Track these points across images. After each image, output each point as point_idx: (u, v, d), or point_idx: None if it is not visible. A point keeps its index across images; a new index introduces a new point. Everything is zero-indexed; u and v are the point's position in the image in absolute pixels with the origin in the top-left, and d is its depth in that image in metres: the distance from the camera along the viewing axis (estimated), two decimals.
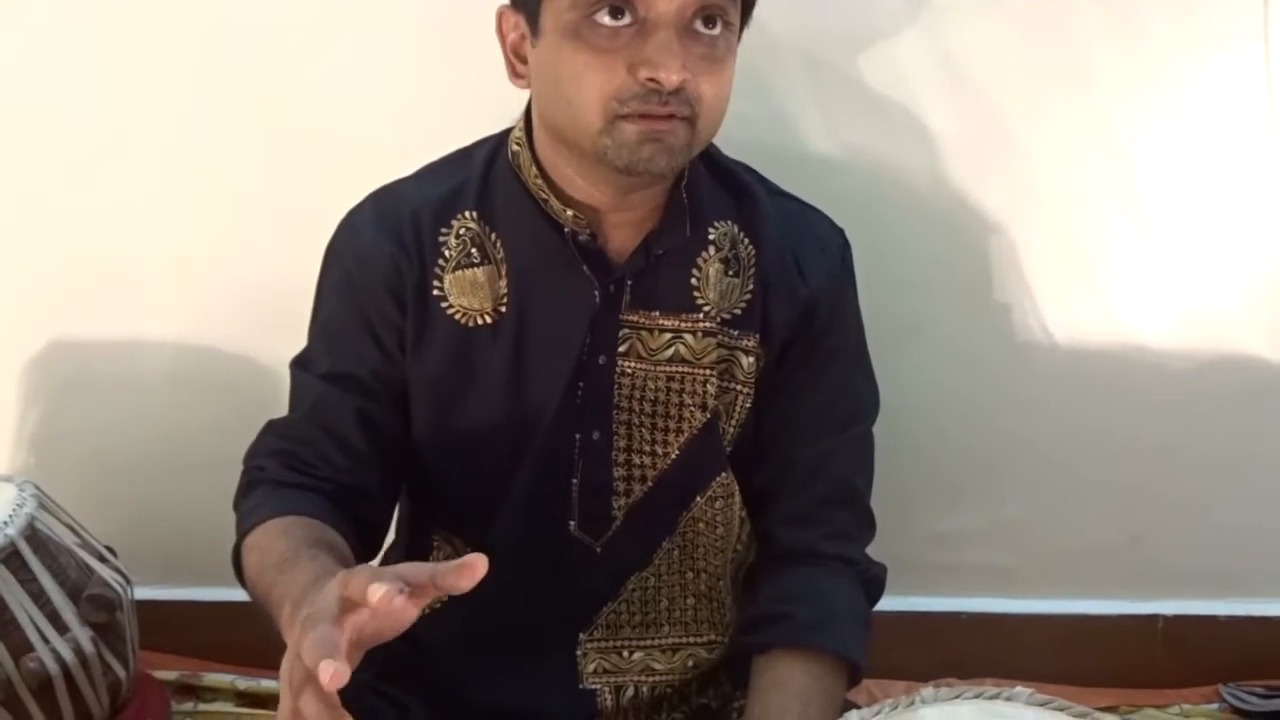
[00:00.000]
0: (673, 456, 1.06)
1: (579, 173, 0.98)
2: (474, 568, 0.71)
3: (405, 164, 1.10)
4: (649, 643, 1.12)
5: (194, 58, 1.41)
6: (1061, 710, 0.80)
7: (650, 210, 1.02)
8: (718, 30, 0.92)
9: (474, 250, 1.03)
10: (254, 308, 1.52)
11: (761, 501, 1.11)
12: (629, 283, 1.03)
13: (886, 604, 1.13)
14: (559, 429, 1.04)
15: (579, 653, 1.11)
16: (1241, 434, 1.53)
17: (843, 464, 1.10)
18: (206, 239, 1.50)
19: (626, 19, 0.90)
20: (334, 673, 0.66)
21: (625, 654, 1.12)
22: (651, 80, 0.89)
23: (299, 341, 1.09)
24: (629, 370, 1.04)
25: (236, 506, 1.03)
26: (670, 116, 0.91)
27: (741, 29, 0.97)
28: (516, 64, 0.99)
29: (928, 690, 0.85)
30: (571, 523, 1.07)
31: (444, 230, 1.03)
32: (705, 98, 0.92)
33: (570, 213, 1.00)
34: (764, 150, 1.18)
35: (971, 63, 1.37)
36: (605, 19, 0.89)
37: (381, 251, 1.02)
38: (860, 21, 1.36)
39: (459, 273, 1.03)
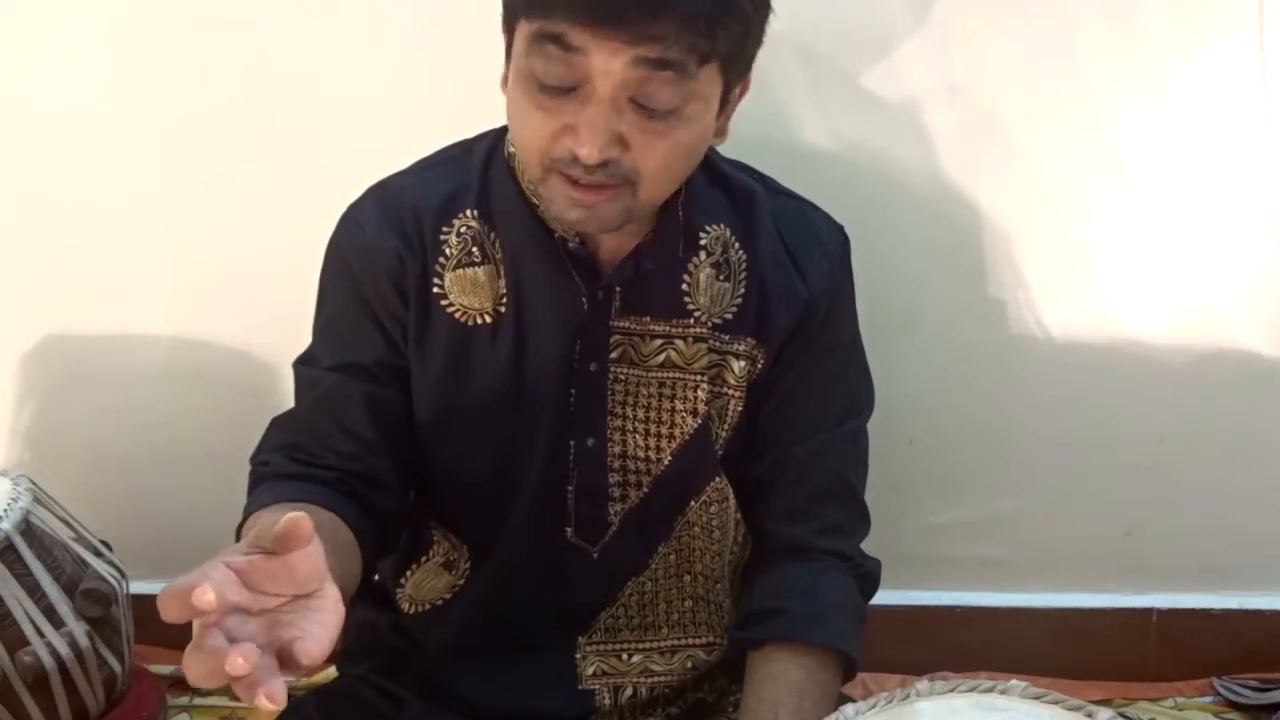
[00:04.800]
0: (666, 462, 1.06)
1: None
2: (294, 534, 0.65)
3: (402, 159, 1.09)
4: (648, 645, 1.12)
5: (188, 53, 1.41)
6: (1056, 703, 0.81)
7: (646, 218, 1.01)
8: (661, 110, 0.88)
9: (475, 249, 1.02)
10: (249, 302, 1.52)
11: (756, 496, 1.11)
12: (618, 290, 1.02)
13: (881, 597, 1.13)
14: (554, 434, 1.04)
15: (578, 655, 1.11)
16: (1236, 427, 1.54)
17: (837, 459, 1.09)
18: (201, 233, 1.49)
19: (570, 84, 0.87)
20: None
21: (624, 656, 1.12)
22: (568, 153, 0.88)
23: (295, 335, 1.08)
24: (622, 376, 1.04)
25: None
26: (600, 186, 0.89)
27: (740, 71, 0.94)
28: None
29: (923, 684, 0.85)
30: (568, 529, 1.07)
31: (445, 229, 1.02)
32: (644, 170, 0.90)
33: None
34: (761, 144, 1.18)
35: (967, 56, 1.37)
36: (546, 79, 0.87)
37: (385, 246, 1.02)
38: (857, 16, 1.36)
39: (459, 271, 1.02)
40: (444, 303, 1.02)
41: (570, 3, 0.84)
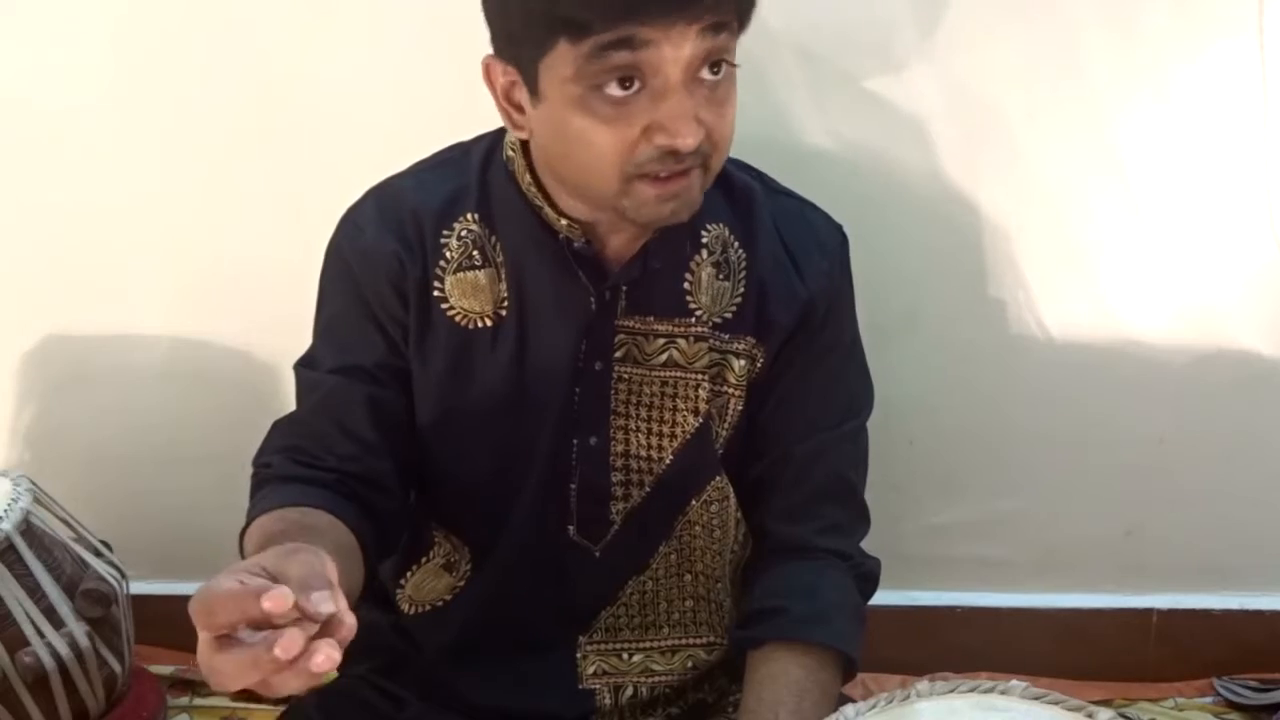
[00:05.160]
0: (668, 461, 1.06)
1: (585, 206, 0.97)
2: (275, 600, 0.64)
3: (402, 159, 1.09)
4: (648, 645, 1.12)
5: (188, 53, 1.41)
6: (1056, 704, 0.80)
7: None
8: (721, 73, 0.89)
9: (475, 253, 1.02)
10: (249, 302, 1.52)
11: (756, 496, 1.11)
12: (624, 289, 1.02)
13: (881, 597, 1.13)
14: (557, 434, 1.04)
15: (578, 655, 1.11)
16: (1236, 427, 1.54)
17: (837, 459, 1.09)
18: (201, 233, 1.50)
19: (635, 86, 0.87)
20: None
21: (625, 656, 1.12)
22: (669, 146, 0.88)
23: (295, 336, 1.08)
24: (625, 375, 1.04)
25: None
26: (686, 171, 0.90)
27: (742, 30, 0.94)
28: (513, 113, 0.95)
29: (923, 684, 0.85)
30: (570, 527, 1.07)
31: (446, 232, 1.02)
32: (717, 141, 0.91)
33: (565, 221, 0.99)
34: (761, 144, 1.18)
35: (968, 57, 1.37)
36: (614, 90, 0.87)
37: (385, 248, 1.01)
38: (857, 16, 1.36)
39: (460, 274, 1.02)
40: (444, 306, 1.02)
41: (632, 5, 0.83)
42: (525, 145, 1.00)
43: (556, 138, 0.91)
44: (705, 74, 0.88)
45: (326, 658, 0.63)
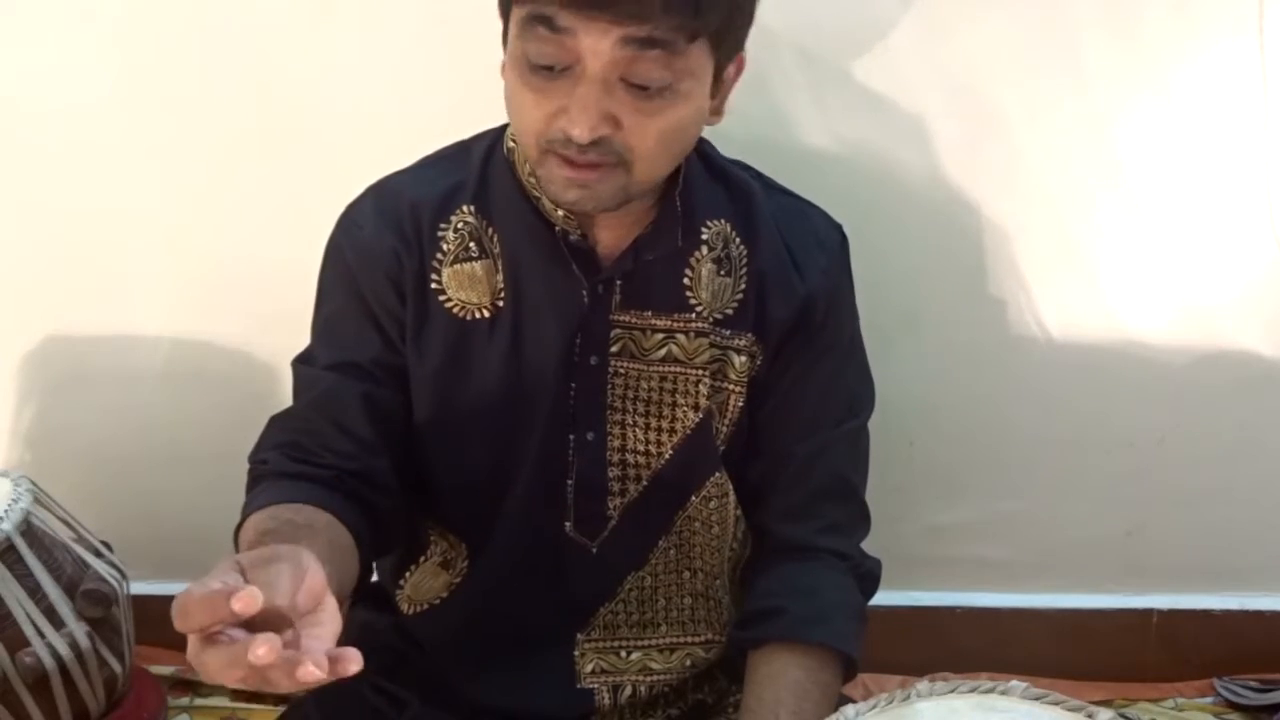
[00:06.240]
0: (666, 456, 1.06)
1: None
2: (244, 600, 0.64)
3: (402, 159, 1.09)
4: (646, 642, 1.12)
5: (188, 53, 1.41)
6: (1057, 704, 0.80)
7: (645, 210, 1.01)
8: (650, 91, 0.88)
9: (472, 244, 1.03)
10: (250, 302, 1.52)
11: (756, 496, 1.11)
12: (619, 283, 1.02)
13: (881, 598, 1.13)
14: (553, 429, 1.04)
15: (576, 653, 1.11)
16: (1236, 427, 1.54)
17: (837, 458, 1.09)
18: (201, 233, 1.50)
19: (561, 65, 0.88)
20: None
21: (623, 654, 1.12)
22: (561, 132, 0.89)
23: (295, 336, 1.08)
24: (622, 370, 1.04)
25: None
26: (594, 165, 0.90)
27: (730, 49, 0.94)
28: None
29: (923, 684, 0.85)
30: (567, 523, 1.07)
31: (443, 225, 1.03)
32: (636, 148, 0.90)
33: (561, 212, 0.99)
34: (760, 145, 1.18)
35: (966, 56, 1.37)
36: (537, 61, 0.88)
37: (382, 244, 1.02)
38: (856, 16, 1.36)
39: (457, 266, 1.02)
40: (442, 298, 1.02)
41: None
42: None
43: (506, 93, 0.94)
44: (634, 78, 0.88)
45: (308, 672, 0.63)
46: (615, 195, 0.93)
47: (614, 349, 1.04)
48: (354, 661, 0.66)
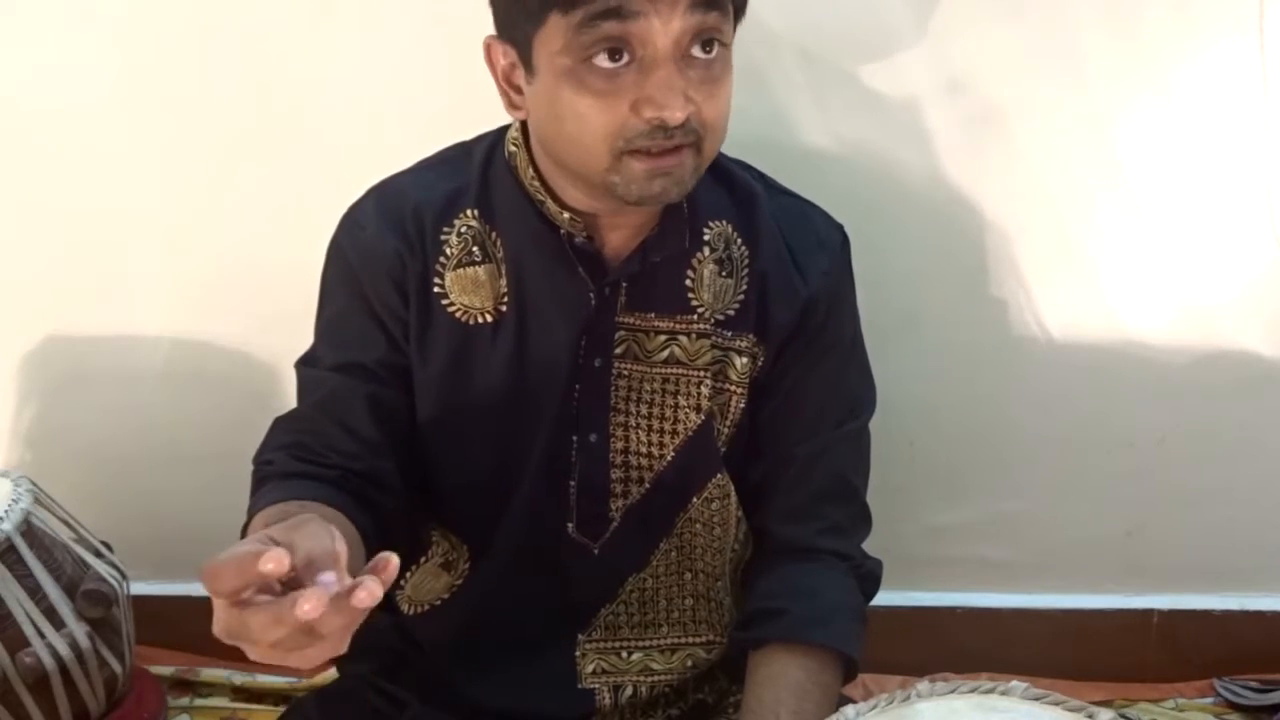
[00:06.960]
0: (669, 458, 1.06)
1: (582, 192, 0.97)
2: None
3: (402, 159, 1.09)
4: (648, 643, 1.12)
5: (188, 53, 1.41)
6: (1057, 704, 0.80)
7: (649, 212, 1.01)
8: (714, 53, 0.90)
9: (475, 249, 1.02)
10: (250, 302, 1.52)
11: (757, 497, 1.11)
12: (624, 285, 1.02)
13: (882, 598, 1.13)
14: (557, 431, 1.04)
15: (577, 653, 1.11)
16: (1236, 427, 1.54)
17: (838, 459, 1.09)
18: (201, 233, 1.50)
19: (624, 59, 0.88)
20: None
21: (624, 655, 1.12)
22: (656, 119, 0.88)
23: (295, 335, 1.09)
24: (625, 372, 1.04)
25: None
26: (678, 149, 0.90)
27: (734, 27, 0.95)
28: (511, 94, 0.96)
29: (923, 685, 0.85)
30: (569, 524, 1.07)
31: (446, 229, 1.03)
32: (708, 121, 0.91)
33: (567, 215, 0.99)
34: (761, 145, 1.18)
35: (967, 56, 1.37)
36: (603, 62, 0.88)
37: (385, 245, 1.02)
38: (857, 16, 1.35)
39: (460, 270, 1.02)
40: (445, 302, 1.02)
41: None
42: (527, 140, 1.00)
43: (550, 114, 0.92)
44: (697, 52, 0.89)
45: (369, 593, 0.63)
46: (692, 177, 0.93)
47: (618, 351, 1.04)
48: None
